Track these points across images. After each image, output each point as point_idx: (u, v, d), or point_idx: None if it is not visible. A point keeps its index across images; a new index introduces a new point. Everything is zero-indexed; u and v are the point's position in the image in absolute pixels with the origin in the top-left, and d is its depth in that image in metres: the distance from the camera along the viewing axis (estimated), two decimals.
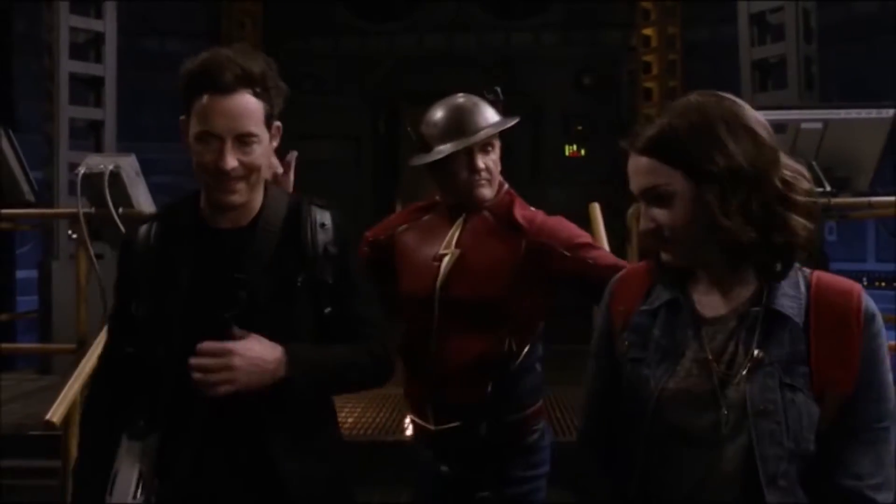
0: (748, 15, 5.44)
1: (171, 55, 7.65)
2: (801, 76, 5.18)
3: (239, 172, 1.49)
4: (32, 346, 5.61)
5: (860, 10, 6.59)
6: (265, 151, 1.54)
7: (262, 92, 1.50)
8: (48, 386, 4.55)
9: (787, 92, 5.24)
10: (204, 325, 1.45)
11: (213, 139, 1.47)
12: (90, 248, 3.70)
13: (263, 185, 1.60)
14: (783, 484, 1.17)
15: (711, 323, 1.26)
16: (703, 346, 1.25)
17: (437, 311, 1.94)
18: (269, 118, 1.53)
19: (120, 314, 1.63)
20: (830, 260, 4.75)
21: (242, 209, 1.56)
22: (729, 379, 1.21)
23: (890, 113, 3.64)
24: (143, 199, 3.79)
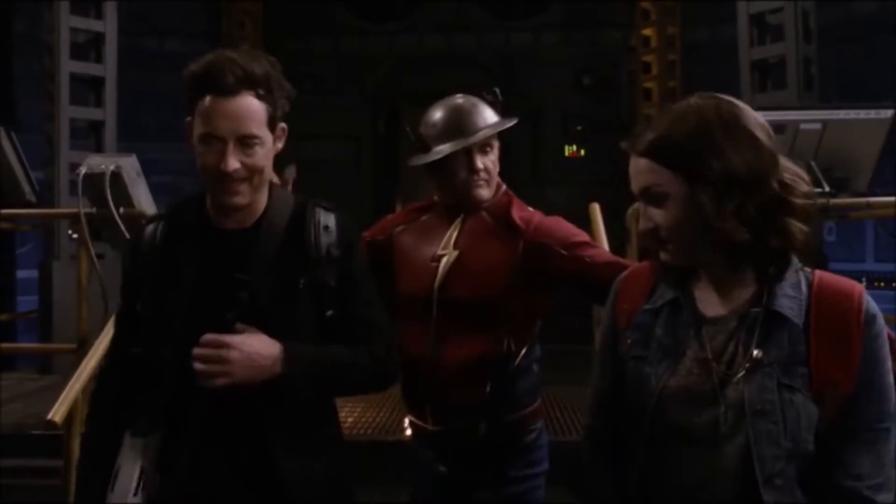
0: (747, 15, 5.45)
1: (171, 55, 7.68)
2: (800, 76, 5.19)
3: (241, 174, 1.49)
4: (33, 345, 5.60)
5: (859, 10, 6.59)
6: (268, 153, 1.54)
7: (265, 94, 1.50)
8: (49, 386, 4.56)
9: (786, 92, 5.25)
10: (206, 324, 1.46)
11: (215, 141, 1.48)
12: (91, 248, 3.70)
13: (268, 185, 1.60)
14: (780, 483, 1.17)
15: (712, 323, 1.27)
16: (703, 345, 1.25)
17: (435, 311, 1.94)
18: (272, 120, 1.53)
19: (127, 313, 1.64)
20: (829, 260, 4.75)
21: (247, 210, 1.57)
22: (728, 378, 1.22)
23: (888, 113, 3.65)
24: (143, 199, 3.78)
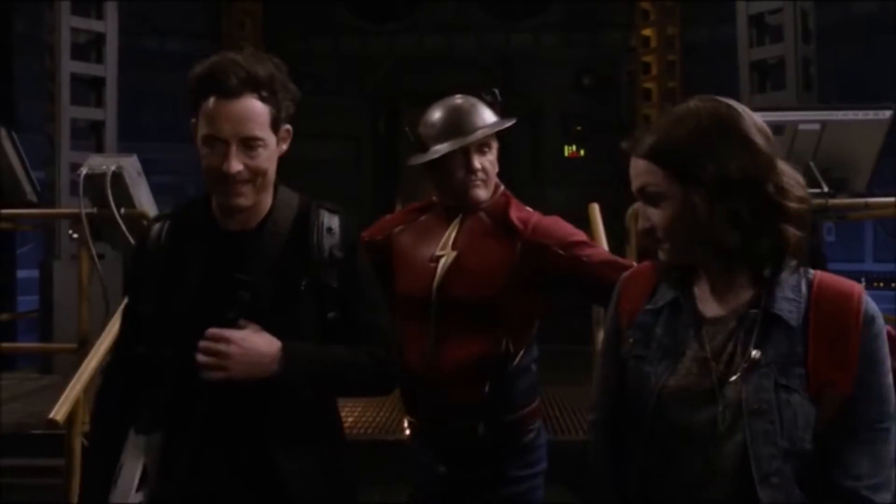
0: (747, 16, 5.46)
1: (171, 55, 7.69)
2: (799, 77, 5.19)
3: (244, 176, 1.50)
4: (34, 345, 5.59)
5: (859, 10, 6.59)
6: (272, 155, 1.55)
7: (268, 96, 1.51)
8: (49, 385, 4.56)
9: (785, 93, 5.26)
10: (207, 324, 1.47)
11: (218, 143, 1.49)
12: (92, 248, 3.71)
13: (274, 186, 1.61)
14: (776, 481, 1.18)
15: (712, 323, 1.27)
16: (702, 345, 1.26)
17: (433, 312, 1.94)
18: (275, 122, 1.53)
19: (132, 311, 1.65)
20: (829, 261, 4.75)
21: (251, 211, 1.57)
22: (726, 378, 1.22)
23: (887, 114, 3.67)
24: (144, 199, 3.79)
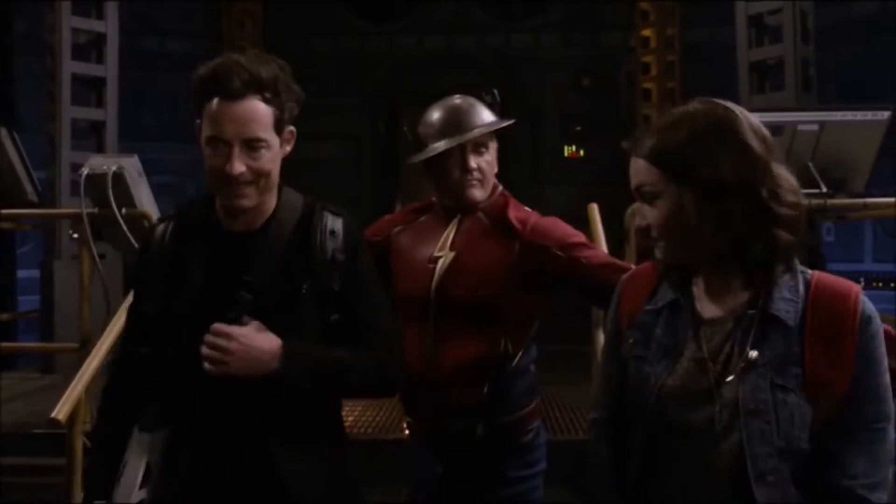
0: (746, 16, 5.46)
1: (171, 55, 7.70)
2: (798, 78, 5.19)
3: (247, 177, 1.51)
4: (35, 345, 5.59)
5: (858, 10, 6.59)
6: (275, 156, 1.55)
7: (271, 97, 1.51)
8: (50, 385, 4.56)
9: (784, 93, 5.26)
10: (209, 325, 1.47)
11: (221, 144, 1.49)
12: (93, 248, 3.72)
13: (278, 187, 1.61)
14: (772, 480, 1.19)
15: (710, 324, 1.28)
16: (700, 345, 1.27)
17: (432, 312, 1.94)
18: (279, 123, 1.54)
19: (137, 312, 1.66)
20: (828, 261, 4.76)
21: (254, 212, 1.58)
22: (724, 378, 1.23)
23: (885, 115, 3.67)
24: (145, 199, 3.80)
